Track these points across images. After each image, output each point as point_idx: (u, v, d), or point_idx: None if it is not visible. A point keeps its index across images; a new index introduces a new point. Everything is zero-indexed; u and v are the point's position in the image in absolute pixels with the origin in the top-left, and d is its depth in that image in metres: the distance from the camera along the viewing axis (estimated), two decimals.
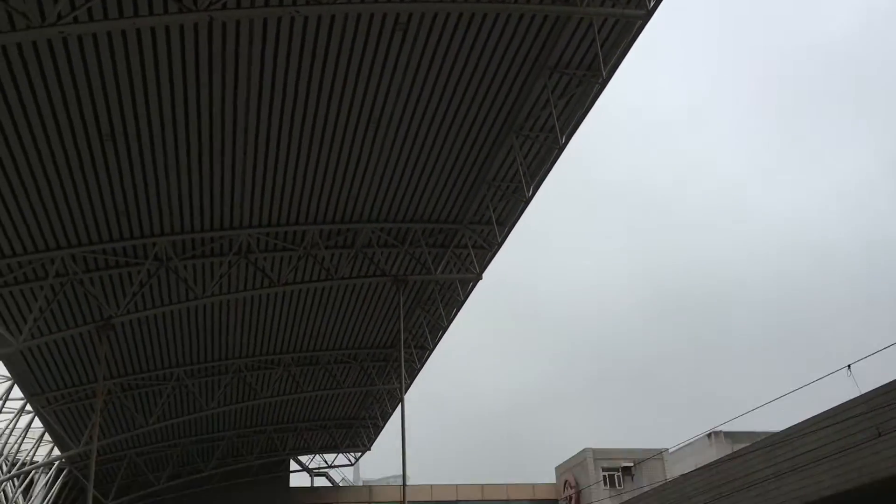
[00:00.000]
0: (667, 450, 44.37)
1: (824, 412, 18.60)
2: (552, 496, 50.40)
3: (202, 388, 33.20)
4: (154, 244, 22.32)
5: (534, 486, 51.56)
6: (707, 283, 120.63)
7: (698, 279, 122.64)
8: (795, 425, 19.70)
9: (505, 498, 50.01)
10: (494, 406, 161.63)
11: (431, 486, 48.95)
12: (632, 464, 47.04)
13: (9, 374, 28.38)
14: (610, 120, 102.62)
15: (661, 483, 34.23)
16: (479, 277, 27.29)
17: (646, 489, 32.22)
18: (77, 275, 22.45)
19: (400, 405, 26.35)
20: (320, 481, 51.49)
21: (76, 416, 32.34)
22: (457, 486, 50.85)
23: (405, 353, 28.69)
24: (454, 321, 31.58)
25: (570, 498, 48.32)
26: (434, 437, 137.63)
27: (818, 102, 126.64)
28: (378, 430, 43.98)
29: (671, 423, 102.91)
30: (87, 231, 21.26)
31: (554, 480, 51.62)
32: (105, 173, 19.15)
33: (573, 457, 50.03)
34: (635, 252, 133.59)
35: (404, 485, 25.74)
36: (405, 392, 26.86)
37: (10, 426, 31.59)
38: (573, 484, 48.43)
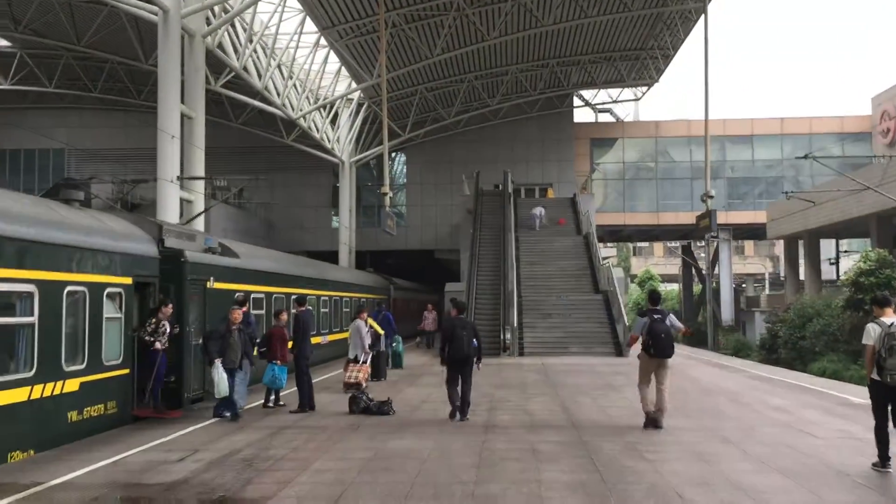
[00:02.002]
0: None
1: None
2: (864, 129, 45.35)
3: (482, 17, 31.91)
4: None
5: (842, 118, 46.53)
6: None
7: None
8: None
9: (807, 131, 45.88)
10: (799, 35, 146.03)
11: (724, 120, 45.95)
12: None
13: (300, 7, 28.85)
14: None
15: None
16: None
17: None
18: None
19: (702, 18, 23.14)
20: (604, 118, 50.64)
21: (366, 50, 32.99)
22: (752, 119, 47.37)
23: None
24: None
25: (888, 130, 43.13)
26: (729, 69, 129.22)
27: None
28: (667, 60, 40.78)
29: None
30: None
31: (868, 112, 46.14)
32: None
33: None
34: None
35: (707, 110, 23.45)
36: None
37: (309, 61, 33.08)
38: (893, 114, 42.87)
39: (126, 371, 11.99)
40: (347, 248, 41.29)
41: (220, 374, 11.82)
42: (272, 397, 13.69)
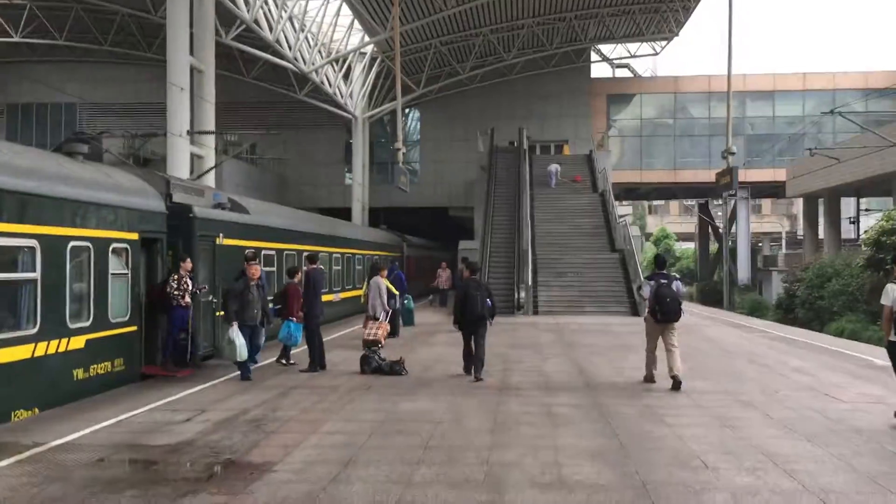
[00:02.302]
0: None
1: None
2: (890, 84, 44.20)
3: None
4: None
5: (867, 73, 45.39)
6: None
7: None
8: None
9: (831, 87, 44.82)
10: None
11: (745, 75, 44.82)
12: None
13: None
14: None
15: None
16: None
17: None
18: None
19: None
20: (622, 73, 49.62)
21: (379, 1, 32.20)
22: (774, 75, 46.31)
23: None
24: None
25: None
26: (751, 22, 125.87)
27: None
28: (687, 13, 39.75)
29: None
30: None
31: (894, 68, 44.95)
32: None
33: None
34: None
35: (729, 64, 22.76)
36: None
37: (321, 13, 32.37)
38: None
39: (134, 328, 11.77)
40: (360, 204, 40.94)
41: (239, 339, 11.52)
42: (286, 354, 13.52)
